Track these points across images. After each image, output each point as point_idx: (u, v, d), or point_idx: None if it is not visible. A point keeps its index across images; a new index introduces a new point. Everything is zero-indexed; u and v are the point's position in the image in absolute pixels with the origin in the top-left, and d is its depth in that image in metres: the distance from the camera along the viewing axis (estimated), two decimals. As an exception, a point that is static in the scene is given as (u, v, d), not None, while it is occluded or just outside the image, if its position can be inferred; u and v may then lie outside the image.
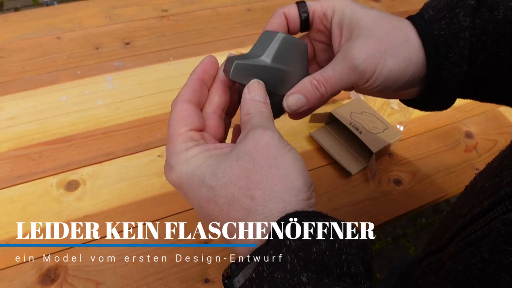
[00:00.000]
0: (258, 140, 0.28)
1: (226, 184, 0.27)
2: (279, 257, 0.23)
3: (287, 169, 0.27)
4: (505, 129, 0.69)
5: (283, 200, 0.26)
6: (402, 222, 1.38)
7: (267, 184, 0.26)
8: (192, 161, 0.29)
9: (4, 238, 0.49)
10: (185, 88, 0.32)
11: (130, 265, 0.48)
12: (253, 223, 0.26)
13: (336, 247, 0.24)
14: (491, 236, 0.26)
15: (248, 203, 0.26)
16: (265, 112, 0.31)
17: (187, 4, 0.86)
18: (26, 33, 0.75)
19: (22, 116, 0.62)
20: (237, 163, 0.27)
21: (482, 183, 0.33)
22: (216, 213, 0.28)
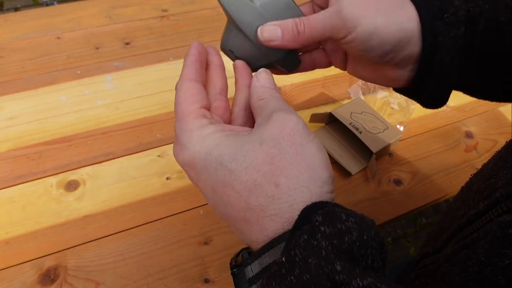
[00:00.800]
0: (284, 124, 0.26)
1: (247, 169, 0.25)
2: (313, 242, 0.22)
3: (313, 159, 0.26)
4: (505, 129, 0.69)
5: (309, 189, 0.25)
6: (402, 222, 1.38)
7: (293, 171, 0.25)
8: (207, 140, 0.27)
9: (4, 238, 0.49)
10: (187, 68, 0.31)
11: (130, 265, 0.48)
12: (276, 211, 0.25)
13: (365, 239, 0.23)
14: (487, 239, 0.26)
15: (271, 190, 0.25)
16: (280, 97, 0.29)
17: (187, 4, 0.86)
18: (26, 33, 0.75)
19: (21, 116, 0.62)
20: (260, 147, 0.26)
21: (478, 184, 0.33)
22: (232, 199, 0.26)
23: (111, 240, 0.50)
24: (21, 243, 0.49)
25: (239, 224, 0.27)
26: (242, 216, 0.26)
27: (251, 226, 0.26)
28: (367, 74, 0.36)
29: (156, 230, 0.51)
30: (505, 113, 0.72)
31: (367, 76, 0.37)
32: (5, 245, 0.48)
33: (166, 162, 0.58)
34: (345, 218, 0.23)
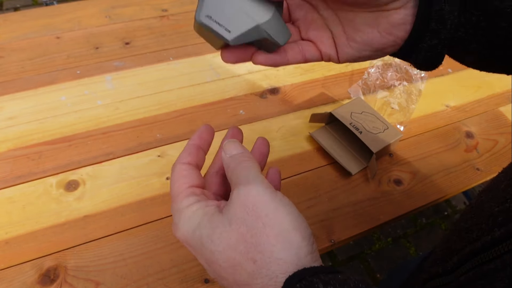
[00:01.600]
0: (244, 201, 0.27)
1: (225, 250, 0.27)
2: None
3: (282, 226, 0.27)
4: (505, 129, 0.69)
5: (284, 261, 0.26)
6: (402, 222, 1.38)
7: (265, 246, 0.26)
8: (192, 218, 0.29)
9: (4, 238, 0.49)
10: (182, 153, 0.33)
11: (130, 265, 0.48)
12: (261, 285, 0.26)
13: None
14: (506, 272, 0.25)
15: (250, 266, 0.26)
16: (245, 162, 0.30)
17: (187, 4, 0.86)
18: (25, 32, 0.75)
19: (21, 116, 0.62)
20: (230, 228, 0.27)
21: (490, 206, 0.32)
22: (223, 274, 0.28)
23: (111, 240, 0.50)
24: (21, 243, 0.49)
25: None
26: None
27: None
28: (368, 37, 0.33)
29: (156, 230, 0.51)
30: (506, 113, 0.72)
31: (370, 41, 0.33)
32: (5, 245, 0.48)
33: (166, 162, 0.58)
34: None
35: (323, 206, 0.56)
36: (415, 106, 0.68)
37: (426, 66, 0.34)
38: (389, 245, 1.32)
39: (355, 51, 0.34)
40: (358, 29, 0.33)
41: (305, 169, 0.60)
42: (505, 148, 0.66)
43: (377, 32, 0.32)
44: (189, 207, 0.29)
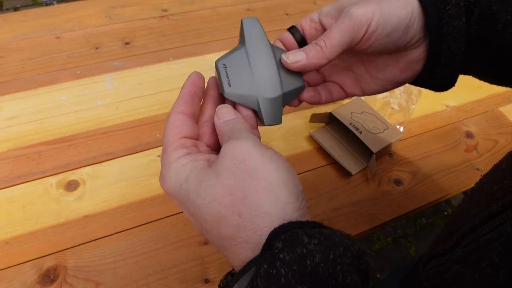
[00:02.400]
0: (234, 152, 0.27)
1: (210, 203, 0.27)
2: (273, 271, 0.23)
3: (269, 180, 0.27)
4: (505, 129, 0.69)
5: (270, 214, 0.26)
6: (402, 222, 1.38)
7: (252, 199, 0.26)
8: (181, 172, 0.29)
9: (4, 238, 0.49)
10: (177, 101, 0.33)
11: (130, 265, 0.48)
12: (244, 239, 0.26)
13: (331, 258, 0.24)
14: (501, 240, 0.26)
15: (235, 220, 0.26)
16: (237, 124, 0.31)
17: (187, 4, 0.86)
18: (25, 32, 0.75)
19: (21, 116, 0.62)
20: (217, 180, 0.27)
21: (490, 185, 0.33)
22: (208, 228, 0.28)
23: (111, 240, 0.50)
24: (21, 243, 0.49)
25: (220, 250, 0.29)
26: (220, 244, 0.28)
27: (228, 253, 0.28)
28: (389, 75, 0.37)
29: (156, 230, 0.51)
30: (506, 113, 0.72)
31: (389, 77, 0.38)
32: (5, 245, 0.48)
33: (166, 162, 0.58)
34: (307, 240, 0.24)
35: (323, 206, 0.56)
36: (415, 106, 0.68)
37: (441, 90, 0.38)
38: (389, 245, 1.32)
39: (379, 87, 0.38)
40: (380, 69, 0.37)
41: (305, 169, 0.60)
42: (505, 148, 0.66)
43: (398, 69, 0.37)
44: (178, 160, 0.29)
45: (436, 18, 0.33)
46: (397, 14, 0.33)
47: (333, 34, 0.33)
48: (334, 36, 0.33)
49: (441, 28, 0.33)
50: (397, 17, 0.32)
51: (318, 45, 0.33)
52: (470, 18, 0.33)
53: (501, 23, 0.32)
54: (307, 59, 0.33)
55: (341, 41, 0.33)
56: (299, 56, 0.33)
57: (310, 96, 0.37)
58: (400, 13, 0.33)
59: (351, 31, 0.32)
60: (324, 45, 0.33)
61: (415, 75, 0.37)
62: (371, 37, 0.33)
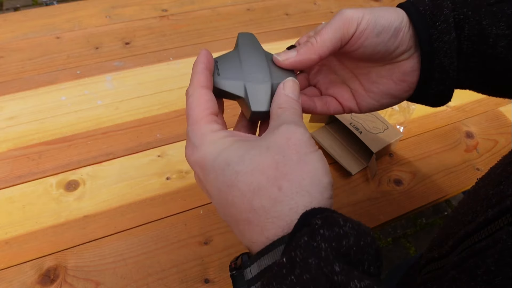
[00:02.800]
0: (291, 134, 0.28)
1: (253, 171, 0.27)
2: (313, 244, 0.23)
3: (315, 166, 0.27)
4: (505, 129, 0.69)
5: (310, 194, 0.26)
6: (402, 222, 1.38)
7: (295, 176, 0.26)
8: (219, 143, 0.28)
9: (4, 238, 0.49)
10: (198, 75, 0.31)
11: (130, 265, 0.48)
12: (278, 213, 0.26)
13: (362, 245, 0.24)
14: (496, 248, 0.26)
15: (275, 192, 0.26)
16: (297, 110, 0.31)
17: (187, 4, 0.86)
18: (25, 32, 0.75)
19: (21, 116, 0.62)
20: (267, 152, 0.27)
21: (486, 190, 0.32)
22: (236, 199, 0.27)
23: (111, 240, 0.50)
24: (21, 243, 0.49)
25: (241, 225, 0.28)
26: (245, 217, 0.27)
27: (252, 228, 0.27)
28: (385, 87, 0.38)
29: (156, 230, 0.51)
30: (506, 113, 0.72)
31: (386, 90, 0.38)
32: (5, 245, 0.48)
33: (166, 162, 0.58)
34: (343, 223, 0.24)
35: (323, 206, 0.55)
36: (415, 106, 0.68)
37: (437, 105, 0.39)
38: (389, 245, 1.32)
39: (374, 101, 0.39)
40: (374, 81, 0.38)
41: (305, 169, 0.60)
42: (505, 148, 0.66)
43: (391, 81, 0.37)
44: (216, 133, 0.29)
45: (427, 34, 0.34)
46: (387, 16, 0.34)
47: (324, 30, 0.33)
48: (325, 32, 0.33)
49: (432, 44, 0.34)
50: (387, 18, 0.34)
51: (309, 42, 0.34)
52: (461, 33, 0.34)
53: (491, 38, 0.33)
54: (298, 55, 0.34)
55: (331, 37, 0.33)
56: (290, 53, 0.34)
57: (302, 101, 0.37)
58: (390, 16, 0.34)
59: (342, 28, 0.33)
60: (315, 42, 0.33)
61: (410, 89, 0.38)
62: (361, 35, 0.34)
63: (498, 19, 0.33)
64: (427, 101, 0.39)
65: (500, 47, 0.33)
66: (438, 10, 0.34)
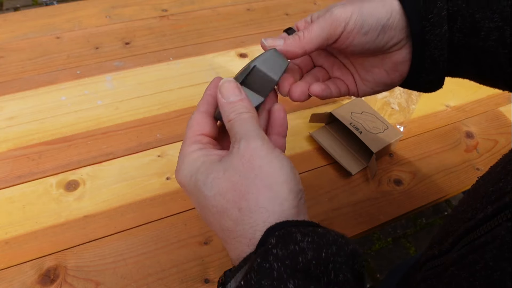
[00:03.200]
0: (243, 153, 0.29)
1: (215, 196, 0.29)
2: (266, 265, 0.24)
3: (271, 179, 0.28)
4: (505, 129, 0.69)
5: (267, 210, 0.27)
6: (402, 222, 1.38)
7: (252, 195, 0.27)
8: (192, 164, 0.30)
9: (4, 238, 0.49)
10: (200, 101, 0.35)
11: (130, 265, 0.48)
12: (241, 232, 0.28)
13: (323, 256, 0.25)
14: (495, 243, 0.26)
15: (235, 214, 0.28)
16: (245, 113, 0.31)
17: (187, 4, 0.86)
18: (25, 32, 0.75)
19: (21, 116, 0.62)
20: (224, 175, 0.28)
21: (486, 187, 0.33)
22: (211, 219, 0.30)
23: (111, 240, 0.50)
24: (21, 243, 0.49)
25: (222, 242, 0.30)
26: (221, 236, 0.30)
27: (228, 246, 0.29)
28: (378, 77, 0.39)
29: (156, 230, 0.51)
30: (506, 113, 0.72)
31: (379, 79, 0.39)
32: (5, 245, 0.48)
33: (166, 162, 0.58)
34: (300, 238, 0.25)
35: (323, 206, 0.56)
36: (415, 106, 0.68)
37: (429, 91, 0.40)
38: (389, 245, 1.32)
39: (369, 88, 0.40)
40: (368, 70, 0.39)
41: (305, 169, 0.60)
42: (505, 148, 0.66)
43: (384, 71, 0.38)
44: (192, 154, 0.31)
45: (419, 26, 0.34)
46: (376, 14, 0.34)
47: (313, 27, 0.34)
48: (313, 29, 0.34)
49: (424, 36, 0.34)
50: (376, 17, 0.34)
51: (297, 35, 0.34)
52: (453, 25, 0.34)
53: (483, 31, 0.33)
54: (284, 45, 0.34)
55: (319, 35, 0.34)
56: (277, 41, 0.35)
57: (321, 90, 0.38)
58: (378, 13, 0.34)
59: (329, 27, 0.34)
60: (302, 36, 0.34)
61: (402, 78, 0.39)
62: (349, 35, 0.34)
63: (491, 12, 0.33)
64: (418, 88, 0.40)
65: (491, 40, 0.33)
66: (431, 2, 0.34)
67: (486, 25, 0.33)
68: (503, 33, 0.33)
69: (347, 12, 0.34)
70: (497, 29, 0.33)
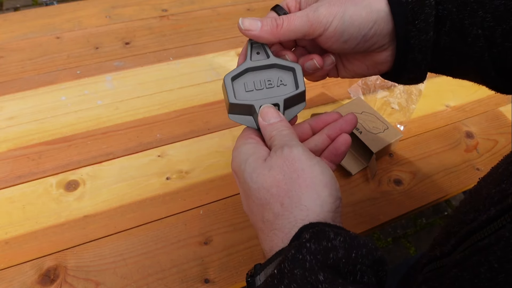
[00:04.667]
0: (286, 156, 0.31)
1: (259, 189, 0.31)
2: (299, 256, 0.26)
3: (314, 180, 0.30)
4: (505, 129, 0.69)
5: (307, 208, 0.29)
6: (402, 222, 1.38)
7: (295, 193, 0.29)
8: (243, 153, 0.33)
9: (4, 238, 0.49)
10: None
11: (130, 265, 0.48)
12: (279, 226, 0.29)
13: (353, 257, 0.26)
14: (499, 245, 0.26)
15: (277, 208, 0.30)
16: (284, 130, 0.34)
17: (187, 4, 0.86)
18: (25, 32, 0.75)
19: (21, 116, 0.62)
20: (269, 172, 0.31)
21: (488, 189, 0.33)
22: (253, 209, 0.32)
23: (111, 240, 0.50)
24: (21, 243, 0.49)
25: (259, 233, 0.32)
26: (260, 226, 0.32)
27: (264, 237, 0.31)
28: (357, 69, 0.39)
29: (156, 230, 0.51)
30: (506, 113, 0.72)
31: (358, 70, 0.40)
32: (5, 245, 0.48)
33: (166, 162, 0.58)
34: (333, 237, 0.27)
35: (323, 206, 0.55)
36: (415, 106, 0.68)
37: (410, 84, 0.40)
38: (389, 245, 1.32)
39: (348, 74, 0.41)
40: (350, 61, 0.40)
41: (305, 169, 0.60)
42: (505, 148, 0.66)
43: (365, 66, 0.39)
44: (245, 145, 0.34)
45: (403, 30, 0.34)
46: (357, 24, 0.33)
47: (294, 20, 0.34)
48: (293, 22, 0.34)
49: (409, 40, 0.34)
50: (357, 26, 0.34)
51: (276, 22, 0.34)
52: (441, 29, 0.34)
53: (470, 37, 0.34)
54: (260, 31, 0.34)
55: (297, 29, 0.34)
56: (254, 25, 0.35)
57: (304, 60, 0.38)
58: (360, 22, 0.34)
59: (309, 26, 0.34)
60: (281, 25, 0.34)
61: (381, 72, 0.40)
62: (328, 40, 0.35)
63: (485, 10, 0.33)
64: (399, 82, 0.40)
65: (477, 47, 0.34)
66: (419, 8, 0.34)
67: (474, 31, 0.33)
68: (493, 33, 0.33)
69: (330, 15, 0.33)
70: (484, 37, 0.33)
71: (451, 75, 0.40)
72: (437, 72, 0.39)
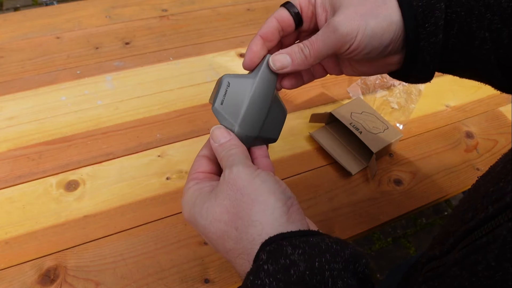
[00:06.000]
0: (228, 178, 0.31)
1: (212, 222, 0.31)
2: (258, 282, 0.25)
3: (257, 192, 0.30)
4: (505, 129, 0.69)
5: (260, 222, 0.29)
6: (402, 222, 1.38)
7: (245, 212, 0.30)
8: (189, 200, 0.33)
9: (4, 238, 0.49)
10: (202, 148, 0.38)
11: (130, 265, 0.48)
12: (242, 250, 0.29)
13: (317, 266, 0.25)
14: (497, 244, 0.26)
15: (233, 233, 0.30)
16: (232, 149, 0.34)
17: (187, 4, 0.86)
18: (25, 32, 0.75)
19: (21, 116, 0.62)
20: (216, 202, 0.31)
21: (486, 187, 0.33)
22: (215, 244, 0.32)
23: (111, 240, 0.50)
24: (21, 243, 0.49)
25: (230, 262, 0.32)
26: (227, 257, 0.32)
27: (234, 264, 0.31)
28: (367, 70, 0.40)
29: (156, 230, 0.51)
30: (506, 113, 0.72)
31: (367, 71, 0.40)
32: (5, 245, 0.48)
33: (166, 162, 0.58)
34: (291, 251, 0.26)
35: (323, 206, 0.56)
36: (414, 105, 0.68)
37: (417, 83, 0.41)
38: (389, 245, 1.32)
39: (355, 74, 0.41)
40: (361, 64, 0.40)
41: (305, 169, 0.60)
42: (505, 148, 0.66)
43: (374, 67, 0.39)
44: (188, 190, 0.34)
45: (414, 33, 0.35)
46: (379, 36, 0.34)
47: (318, 45, 0.35)
48: (318, 47, 0.35)
49: (418, 42, 0.35)
50: (379, 38, 0.34)
51: (304, 54, 0.35)
52: (449, 31, 0.35)
53: (478, 40, 0.34)
54: (292, 66, 0.36)
55: (324, 53, 0.35)
56: (285, 62, 0.36)
57: (291, 84, 0.40)
58: (382, 34, 0.34)
59: (335, 47, 0.35)
60: (308, 55, 0.35)
61: (389, 71, 0.40)
62: (351, 53, 0.35)
63: (488, 22, 0.33)
64: (406, 81, 0.41)
65: (484, 49, 0.34)
66: (429, 11, 0.34)
67: (481, 35, 0.34)
68: (500, 35, 0.33)
69: (353, 30, 0.33)
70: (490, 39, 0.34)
71: (458, 75, 0.40)
72: (444, 72, 0.40)
